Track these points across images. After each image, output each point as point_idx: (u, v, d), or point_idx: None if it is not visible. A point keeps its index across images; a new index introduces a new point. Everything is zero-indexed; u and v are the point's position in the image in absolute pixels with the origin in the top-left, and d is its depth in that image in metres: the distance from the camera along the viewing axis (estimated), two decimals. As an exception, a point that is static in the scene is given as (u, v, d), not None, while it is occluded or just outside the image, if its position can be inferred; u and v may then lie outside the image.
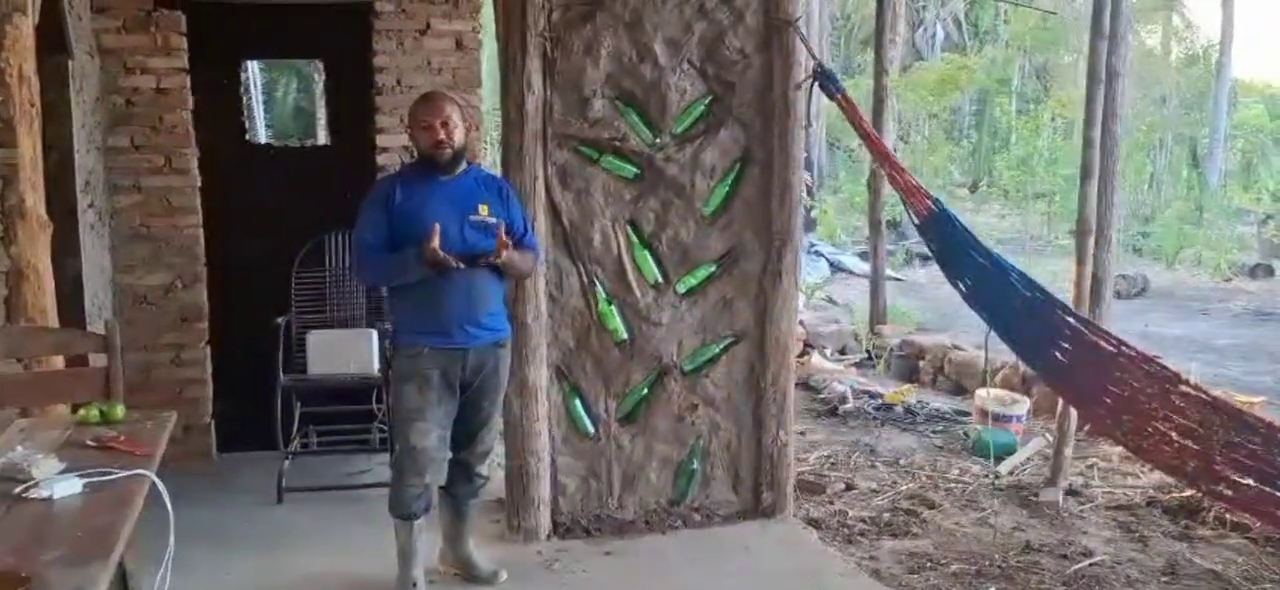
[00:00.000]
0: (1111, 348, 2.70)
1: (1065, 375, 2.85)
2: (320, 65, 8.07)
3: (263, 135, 14.63)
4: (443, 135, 3.42)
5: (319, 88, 10.29)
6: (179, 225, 5.00)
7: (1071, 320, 2.78)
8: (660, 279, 4.02)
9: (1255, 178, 22.58)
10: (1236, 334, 10.13)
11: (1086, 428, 4.77)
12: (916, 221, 3.21)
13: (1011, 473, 5.21)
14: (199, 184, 5.04)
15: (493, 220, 3.49)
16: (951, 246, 3.05)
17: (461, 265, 3.31)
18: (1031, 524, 4.32)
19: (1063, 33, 27.13)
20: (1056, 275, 13.39)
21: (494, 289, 3.54)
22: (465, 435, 3.60)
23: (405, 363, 3.47)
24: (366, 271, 3.78)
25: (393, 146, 5.18)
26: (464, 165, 3.54)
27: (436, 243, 3.27)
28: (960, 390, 7.45)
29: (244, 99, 8.37)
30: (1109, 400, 2.73)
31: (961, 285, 3.03)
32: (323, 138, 9.29)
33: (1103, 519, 4.37)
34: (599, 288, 3.97)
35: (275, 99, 17.01)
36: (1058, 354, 2.82)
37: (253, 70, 14.41)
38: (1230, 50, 22.35)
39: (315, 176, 6.17)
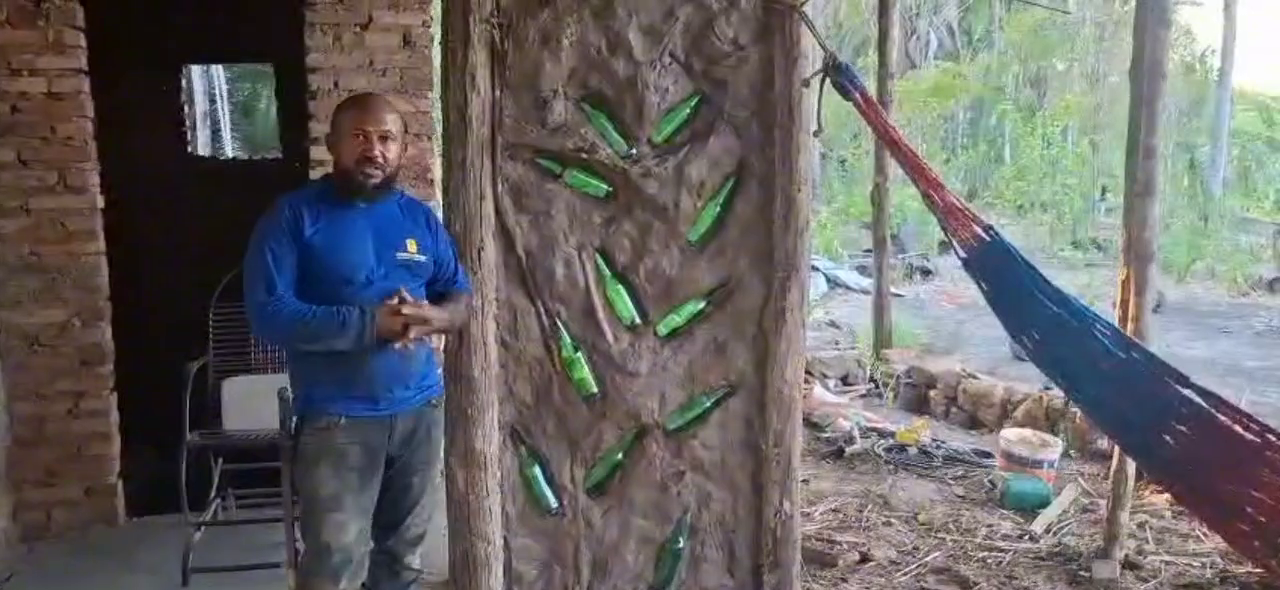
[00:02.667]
0: (1254, 437, 1.96)
1: (1182, 471, 2.10)
2: (271, 69, 7.40)
3: (229, 147, 13.93)
4: (377, 151, 2.74)
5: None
6: (76, 253, 4.28)
7: (1190, 395, 2.04)
8: (637, 319, 3.30)
9: (1254, 186, 22.11)
10: (1263, 354, 9.47)
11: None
12: (962, 255, 2.47)
13: (1048, 531, 4.51)
14: (100, 204, 4.33)
15: (422, 258, 2.84)
16: (1011, 288, 2.31)
17: (412, 343, 2.72)
18: (1086, 609, 3.63)
19: (1057, 40, 26.66)
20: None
21: (426, 340, 2.86)
22: (391, 521, 2.89)
23: (316, 438, 2.74)
24: (277, 327, 2.75)
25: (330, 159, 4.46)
26: (390, 190, 2.87)
27: (407, 309, 2.69)
28: (976, 423, 6.79)
29: (188, 108, 7.66)
30: (1252, 510, 1.99)
31: (1027, 340, 2.30)
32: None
33: (1170, 602, 3.67)
34: (563, 331, 3.25)
35: (258, 109, 16.27)
36: (1170, 439, 2.07)
37: (217, 76, 13.72)
38: (1233, 57, 21.79)
39: (264, 193, 5.56)
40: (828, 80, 3.01)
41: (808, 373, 7.41)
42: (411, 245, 2.82)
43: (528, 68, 3.10)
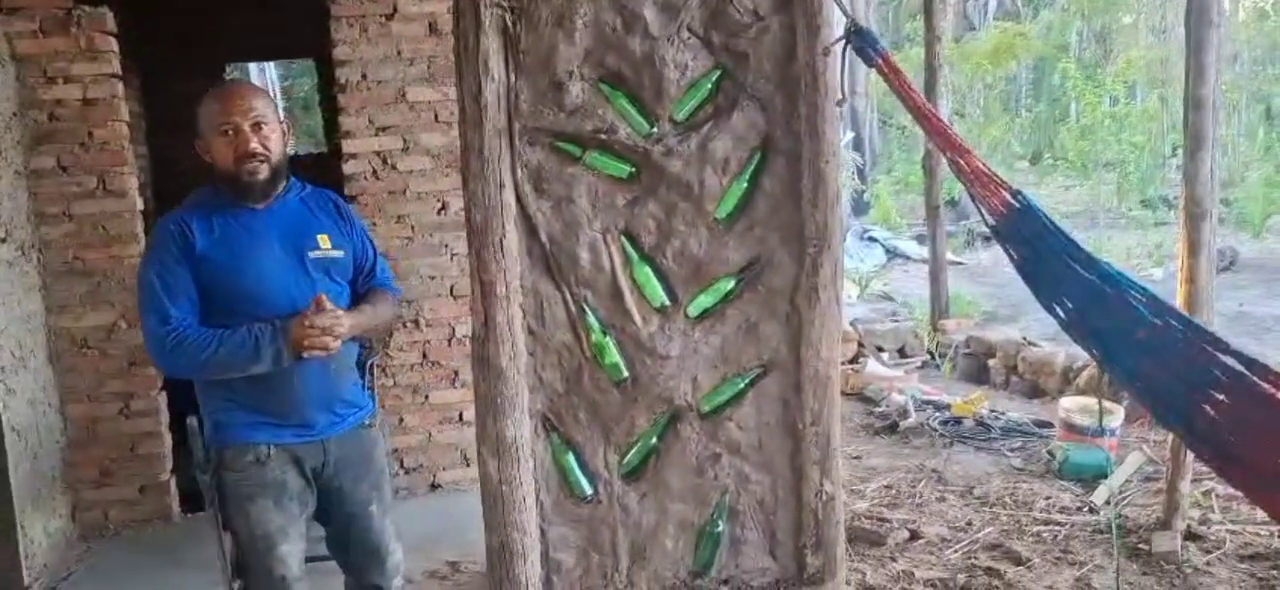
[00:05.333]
0: (1297, 402, 1.87)
1: (1221, 441, 1.98)
2: (313, 64, 7.46)
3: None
4: (256, 143, 2.55)
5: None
6: (118, 256, 4.37)
7: (1228, 360, 1.92)
8: (666, 301, 3.22)
9: (1330, 136, 21.28)
10: (1343, 310, 9.11)
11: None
12: (991, 222, 2.37)
13: (1110, 501, 4.37)
14: (140, 207, 4.38)
15: (339, 253, 2.71)
16: (1042, 256, 2.20)
17: (335, 345, 2.55)
18: (1145, 583, 3.49)
19: (1122, -9, 25.89)
20: (1132, 251, 12.42)
21: (352, 353, 2.76)
22: (367, 555, 2.86)
23: (247, 473, 2.61)
24: (179, 358, 2.51)
25: (362, 152, 4.47)
26: (283, 183, 2.70)
27: (324, 319, 2.51)
28: (1037, 392, 6.63)
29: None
30: (1295, 481, 1.90)
31: (1060, 310, 2.19)
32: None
33: (1235, 574, 3.52)
34: (591, 316, 3.19)
35: (318, 105, 16.48)
36: (1209, 408, 1.95)
37: (269, 72, 13.90)
38: (1309, -2, 20.94)
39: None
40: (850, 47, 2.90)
41: (860, 346, 7.29)
42: (324, 241, 2.68)
43: (542, 50, 3.04)
